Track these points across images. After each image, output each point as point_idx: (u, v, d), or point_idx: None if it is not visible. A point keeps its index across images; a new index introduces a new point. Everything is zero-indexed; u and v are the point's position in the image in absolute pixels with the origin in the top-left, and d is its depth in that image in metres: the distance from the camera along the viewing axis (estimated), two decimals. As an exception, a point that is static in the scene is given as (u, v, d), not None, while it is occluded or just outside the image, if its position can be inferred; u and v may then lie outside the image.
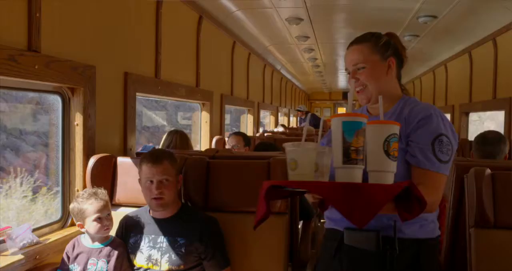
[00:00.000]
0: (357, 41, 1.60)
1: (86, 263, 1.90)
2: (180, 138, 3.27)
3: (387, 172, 1.22)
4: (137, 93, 2.78)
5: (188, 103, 4.57)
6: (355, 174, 1.16)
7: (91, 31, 2.32)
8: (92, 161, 2.23)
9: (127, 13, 2.70)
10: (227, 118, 5.78)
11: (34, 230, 1.96)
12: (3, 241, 1.81)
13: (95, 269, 1.89)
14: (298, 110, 10.40)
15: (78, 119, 2.23)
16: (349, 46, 1.61)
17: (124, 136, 2.67)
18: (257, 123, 7.13)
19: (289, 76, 10.33)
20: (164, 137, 3.34)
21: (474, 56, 5.33)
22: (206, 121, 4.39)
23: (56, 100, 2.22)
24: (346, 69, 1.62)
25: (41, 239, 1.98)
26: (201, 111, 4.39)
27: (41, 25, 1.89)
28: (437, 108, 1.53)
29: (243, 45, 5.62)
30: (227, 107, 5.17)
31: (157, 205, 1.93)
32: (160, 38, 3.11)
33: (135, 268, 1.96)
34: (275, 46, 6.40)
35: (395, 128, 1.22)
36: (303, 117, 10.10)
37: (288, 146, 1.22)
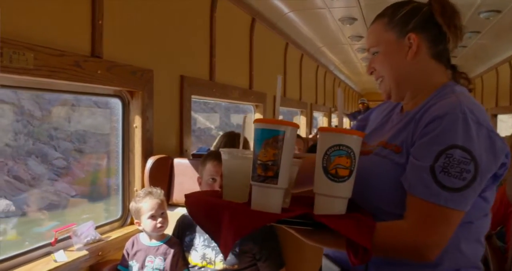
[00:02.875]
0: (374, 18, 1.22)
1: (144, 260, 1.97)
2: (237, 140, 3.30)
3: (328, 196, 0.96)
4: (192, 96, 2.84)
5: (239, 105, 4.61)
6: (266, 195, 0.95)
7: (149, 36, 2.40)
8: (150, 162, 2.30)
9: (183, 18, 2.77)
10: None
11: (96, 228, 2.05)
12: (69, 237, 1.91)
13: (153, 266, 1.95)
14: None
15: (137, 122, 2.31)
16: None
17: (180, 138, 2.74)
18: (310, 124, 7.08)
19: (342, 77, 10.18)
20: (219, 138, 3.38)
21: (542, 52, 5.01)
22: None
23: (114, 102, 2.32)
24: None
25: (102, 236, 2.07)
26: (254, 113, 4.41)
27: (103, 32, 1.98)
28: (467, 105, 1.00)
29: (296, 46, 5.59)
30: (280, 109, 5.16)
31: None
32: (214, 41, 3.16)
33: (190, 266, 2.00)
34: (328, 46, 6.33)
35: (341, 138, 0.94)
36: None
37: (222, 152, 1.08)
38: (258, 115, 4.40)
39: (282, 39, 5.06)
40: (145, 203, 1.97)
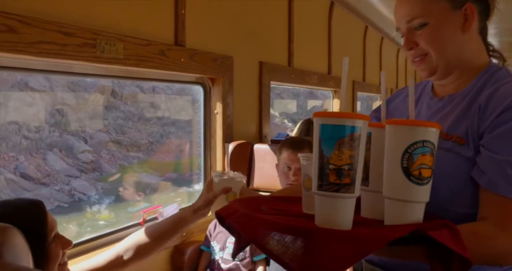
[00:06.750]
0: None
1: (225, 242, 2.02)
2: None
3: (408, 202, 0.80)
4: (271, 82, 2.85)
5: (313, 90, 4.55)
6: (341, 207, 0.76)
7: (229, 23, 2.43)
8: (230, 147, 2.35)
9: (261, 5, 2.77)
10: (359, 106, 5.64)
11: (180, 210, 2.14)
12: (156, 218, 2.02)
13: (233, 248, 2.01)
14: None
15: (218, 108, 2.37)
16: None
17: (259, 123, 2.77)
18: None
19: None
20: (298, 125, 3.38)
21: None
22: (338, 109, 4.34)
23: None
24: (397, 30, 1.10)
25: (187, 218, 2.15)
26: (333, 99, 4.34)
27: (185, 21, 2.03)
28: None
29: (376, 29, 5.39)
30: (359, 94, 5.03)
31: None
32: (293, 27, 3.13)
33: (270, 250, 2.03)
34: (410, 28, 6.04)
35: (425, 133, 0.79)
36: None
37: (302, 158, 0.94)
38: (337, 101, 4.32)
39: (361, 22, 4.90)
40: None
